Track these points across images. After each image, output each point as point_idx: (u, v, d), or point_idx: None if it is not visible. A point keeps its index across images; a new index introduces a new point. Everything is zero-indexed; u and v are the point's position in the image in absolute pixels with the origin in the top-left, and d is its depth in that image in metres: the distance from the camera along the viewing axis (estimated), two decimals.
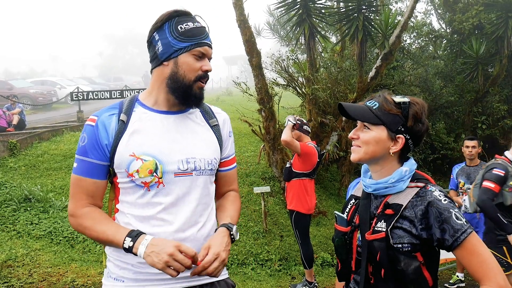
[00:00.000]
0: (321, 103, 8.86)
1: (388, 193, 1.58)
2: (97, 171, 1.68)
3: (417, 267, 1.46)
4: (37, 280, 4.91)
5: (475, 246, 1.44)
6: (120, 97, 13.01)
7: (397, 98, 1.58)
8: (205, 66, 1.71)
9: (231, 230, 1.72)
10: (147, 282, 1.66)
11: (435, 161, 10.11)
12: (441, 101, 10.71)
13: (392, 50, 8.07)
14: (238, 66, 40.86)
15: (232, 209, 1.89)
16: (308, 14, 8.48)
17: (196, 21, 1.72)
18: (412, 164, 1.61)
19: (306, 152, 4.87)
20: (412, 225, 1.49)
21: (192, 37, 1.68)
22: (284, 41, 14.86)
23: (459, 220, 1.44)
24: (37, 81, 24.19)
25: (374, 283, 1.57)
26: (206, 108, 1.89)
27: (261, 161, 8.90)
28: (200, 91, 1.73)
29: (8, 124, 11.14)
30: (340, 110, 1.65)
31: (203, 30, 1.72)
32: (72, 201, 1.69)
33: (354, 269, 1.65)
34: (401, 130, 1.57)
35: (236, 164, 2.01)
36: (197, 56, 1.69)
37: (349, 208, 1.71)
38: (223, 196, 1.97)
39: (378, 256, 1.50)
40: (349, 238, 1.64)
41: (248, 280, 5.57)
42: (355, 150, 1.63)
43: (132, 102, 1.77)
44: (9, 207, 6.61)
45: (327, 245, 6.70)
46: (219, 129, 1.87)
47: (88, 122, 1.70)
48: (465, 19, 10.59)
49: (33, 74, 50.94)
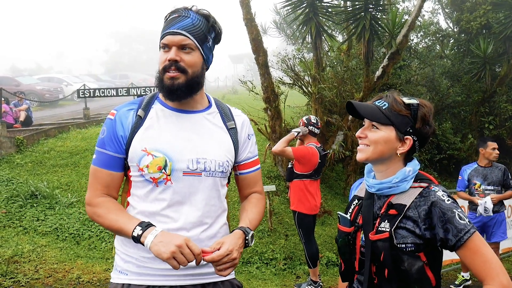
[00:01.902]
0: (327, 102, 8.84)
1: (391, 193, 1.59)
2: (114, 163, 1.71)
3: (421, 267, 1.47)
4: (43, 276, 4.94)
5: (478, 246, 1.44)
6: (126, 94, 13.04)
7: (407, 100, 1.59)
8: (168, 55, 1.65)
9: (247, 235, 1.70)
10: (150, 277, 1.67)
11: (441, 161, 10.05)
12: (448, 101, 10.65)
13: (399, 50, 8.03)
14: (244, 65, 40.84)
15: (253, 212, 1.86)
16: (315, 13, 8.45)
17: (175, 12, 1.68)
18: (416, 164, 1.62)
19: (300, 156, 4.83)
20: (416, 225, 1.50)
21: (162, 32, 1.69)
22: (291, 40, 14.84)
23: (462, 220, 1.45)
24: (44, 78, 24.37)
25: (377, 283, 1.57)
26: (226, 110, 1.88)
27: (267, 160, 8.90)
28: (172, 81, 1.65)
29: (15, 121, 11.22)
30: (348, 108, 1.65)
31: (172, 19, 1.67)
32: (89, 191, 1.73)
33: (357, 269, 1.66)
34: (409, 132, 1.58)
35: (259, 166, 1.98)
36: (163, 48, 1.68)
37: (352, 208, 1.72)
38: (246, 199, 1.96)
39: (382, 256, 1.51)
40: (353, 239, 1.65)
41: (253, 279, 5.58)
42: (362, 149, 1.63)
43: (152, 99, 1.79)
44: (15, 203, 6.65)
45: (332, 245, 6.69)
46: (236, 132, 1.85)
47: (109, 116, 1.75)
48: (473, 19, 10.52)
49: (40, 71, 51.13)
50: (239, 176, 1.93)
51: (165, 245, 1.49)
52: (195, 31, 1.66)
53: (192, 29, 1.66)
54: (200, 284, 1.72)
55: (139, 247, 1.63)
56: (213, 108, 1.85)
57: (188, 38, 1.65)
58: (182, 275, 1.67)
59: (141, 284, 1.67)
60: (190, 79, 1.68)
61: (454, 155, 10.07)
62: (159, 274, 1.66)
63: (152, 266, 1.66)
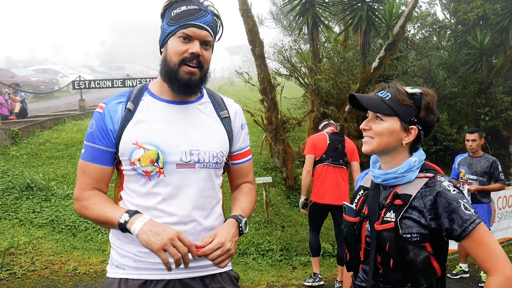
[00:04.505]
0: (324, 94, 8.82)
1: (397, 184, 1.59)
2: (103, 157, 1.68)
3: (426, 257, 1.48)
4: (39, 268, 4.94)
5: (483, 237, 1.44)
6: (122, 86, 12.98)
7: (410, 89, 1.58)
8: (192, 49, 1.61)
9: (240, 222, 1.69)
10: (147, 271, 1.65)
11: (437, 152, 10.08)
12: (444, 92, 10.64)
13: (395, 41, 8.01)
14: (240, 56, 40.70)
15: (245, 201, 1.85)
16: (312, 4, 8.41)
17: (192, 3, 1.64)
18: (421, 154, 1.62)
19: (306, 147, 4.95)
20: (421, 215, 1.50)
21: (179, 20, 1.62)
22: (287, 31, 14.79)
23: (467, 211, 1.45)
24: (39, 69, 24.13)
25: (383, 273, 1.58)
26: (218, 99, 1.85)
27: (263, 152, 8.90)
28: (189, 76, 1.63)
29: (10, 112, 11.16)
30: (351, 101, 1.64)
31: (195, 11, 1.62)
32: (77, 187, 1.70)
33: (362, 259, 1.66)
34: (414, 121, 1.57)
35: (251, 157, 1.96)
36: (183, 38, 1.62)
37: (357, 198, 1.72)
38: (237, 188, 1.94)
39: (387, 246, 1.52)
40: (358, 229, 1.66)
41: (249, 270, 5.60)
42: (367, 141, 1.62)
43: (141, 91, 1.75)
44: (11, 195, 6.64)
45: (328, 236, 6.72)
46: (230, 122, 1.82)
47: (97, 110, 1.71)
48: (470, 10, 10.49)
49: (35, 62, 50.83)
50: (232, 166, 1.90)
51: (155, 236, 1.47)
52: (214, 28, 1.68)
53: (213, 27, 1.67)
54: (198, 277, 1.71)
55: (135, 242, 1.61)
56: (205, 98, 1.82)
57: (210, 35, 1.66)
58: (181, 268, 1.63)
59: (139, 278, 1.65)
60: (204, 75, 1.68)
61: (450, 147, 10.09)
62: (156, 268, 1.64)
63: (149, 261, 1.64)
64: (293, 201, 7.70)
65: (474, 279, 5.50)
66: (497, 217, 6.71)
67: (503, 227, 6.86)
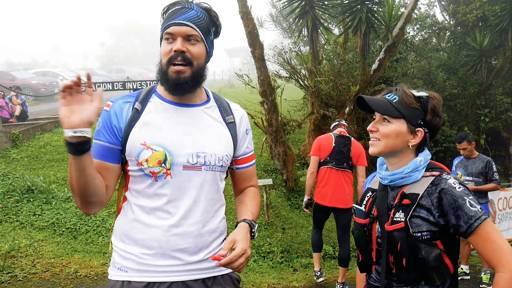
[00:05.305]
0: (324, 96, 8.83)
1: (404, 184, 1.62)
2: (107, 153, 1.67)
3: (438, 254, 1.50)
4: (40, 271, 4.95)
5: (489, 233, 1.46)
6: (122, 88, 12.95)
7: (416, 92, 1.62)
8: (174, 46, 1.61)
9: (253, 228, 1.70)
10: (150, 273, 1.65)
11: (437, 153, 10.08)
12: (444, 93, 10.64)
13: (395, 42, 8.03)
14: (240, 58, 40.66)
15: (253, 205, 1.86)
16: (311, 6, 8.43)
17: (178, 4, 1.66)
18: (427, 154, 1.65)
19: (312, 148, 5.02)
20: (429, 213, 1.53)
21: (164, 23, 1.65)
22: (287, 33, 14.80)
23: (473, 207, 1.47)
24: (39, 72, 24.17)
25: (396, 273, 1.60)
26: (224, 104, 1.86)
27: (263, 154, 8.90)
28: (177, 75, 1.62)
29: (11, 115, 11.16)
30: (358, 103, 1.67)
31: (176, 11, 1.64)
32: None
33: (375, 260, 1.69)
34: (420, 124, 1.61)
35: (255, 161, 1.98)
36: (167, 39, 1.64)
37: (366, 200, 1.76)
38: (243, 192, 1.95)
39: (399, 246, 1.54)
40: (368, 230, 1.69)
41: (250, 272, 5.60)
42: (374, 143, 1.65)
43: (149, 92, 1.76)
44: (12, 198, 6.64)
45: (328, 238, 6.72)
46: (235, 127, 1.84)
47: (104, 108, 1.72)
48: (469, 11, 10.51)
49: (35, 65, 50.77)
50: (236, 171, 1.92)
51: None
52: (200, 23, 1.65)
53: (197, 20, 1.64)
54: (200, 279, 1.71)
55: (138, 244, 1.62)
56: (212, 102, 1.83)
57: (194, 29, 1.63)
58: (183, 271, 1.66)
59: (142, 281, 1.65)
60: (196, 71, 1.66)
61: (450, 148, 10.08)
62: (159, 270, 1.65)
63: (152, 263, 1.64)
64: (294, 203, 7.70)
65: (475, 280, 5.51)
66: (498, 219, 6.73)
67: (503, 228, 6.88)
